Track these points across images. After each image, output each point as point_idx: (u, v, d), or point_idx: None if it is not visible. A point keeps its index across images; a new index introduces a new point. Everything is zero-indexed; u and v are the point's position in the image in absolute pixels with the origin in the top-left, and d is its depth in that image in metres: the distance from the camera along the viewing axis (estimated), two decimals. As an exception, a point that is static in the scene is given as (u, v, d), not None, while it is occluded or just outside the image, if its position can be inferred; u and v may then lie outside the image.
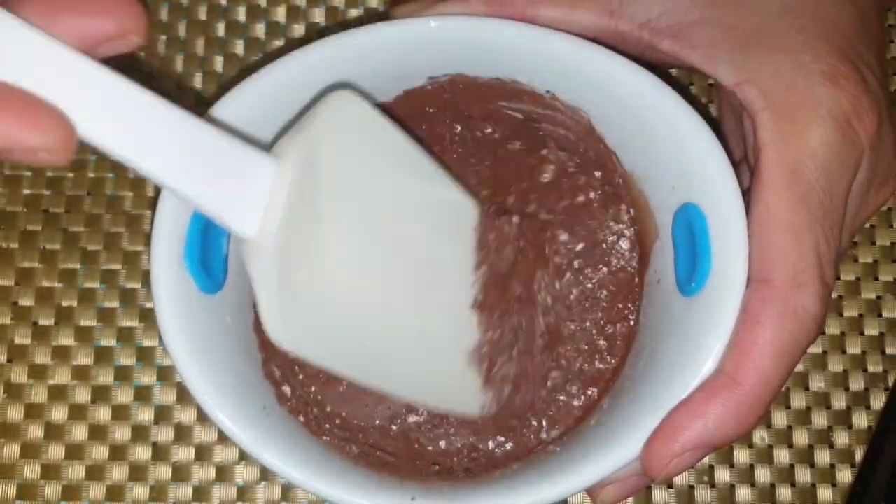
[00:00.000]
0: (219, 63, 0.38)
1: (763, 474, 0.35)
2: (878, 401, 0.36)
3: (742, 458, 0.35)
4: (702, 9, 0.27)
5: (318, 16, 0.39)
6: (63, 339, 0.35)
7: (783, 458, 0.35)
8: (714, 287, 0.25)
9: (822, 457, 0.35)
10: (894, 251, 0.37)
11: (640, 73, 0.27)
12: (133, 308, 0.36)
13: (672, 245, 0.28)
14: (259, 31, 0.38)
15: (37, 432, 0.35)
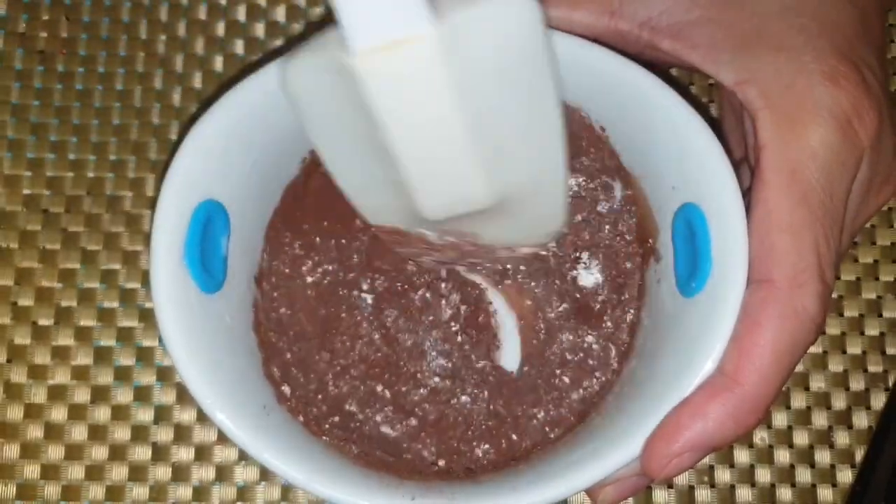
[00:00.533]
0: (218, 63, 0.38)
1: (763, 474, 0.35)
2: (878, 401, 0.35)
3: (742, 458, 0.35)
4: (702, 8, 0.27)
5: (318, 15, 0.38)
6: (63, 339, 0.35)
7: (783, 458, 0.35)
8: (714, 287, 0.25)
9: (823, 457, 0.35)
10: (895, 251, 0.37)
11: (641, 73, 0.27)
12: (133, 308, 0.36)
13: (672, 245, 0.28)
14: (259, 30, 0.38)
15: (36, 432, 0.35)
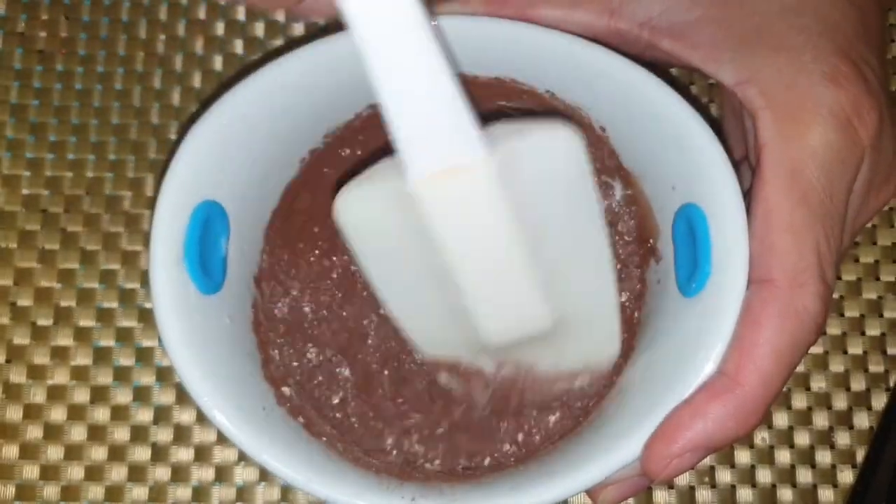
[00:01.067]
0: (218, 62, 0.38)
1: (764, 475, 0.35)
2: (879, 401, 0.35)
3: (743, 458, 0.35)
4: (702, 8, 0.27)
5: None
6: (62, 339, 0.35)
7: (784, 458, 0.35)
8: (714, 287, 0.25)
9: (824, 457, 0.35)
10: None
11: (641, 73, 0.27)
12: (132, 308, 0.36)
13: (672, 245, 0.28)
14: (258, 30, 0.38)
15: (36, 433, 0.35)
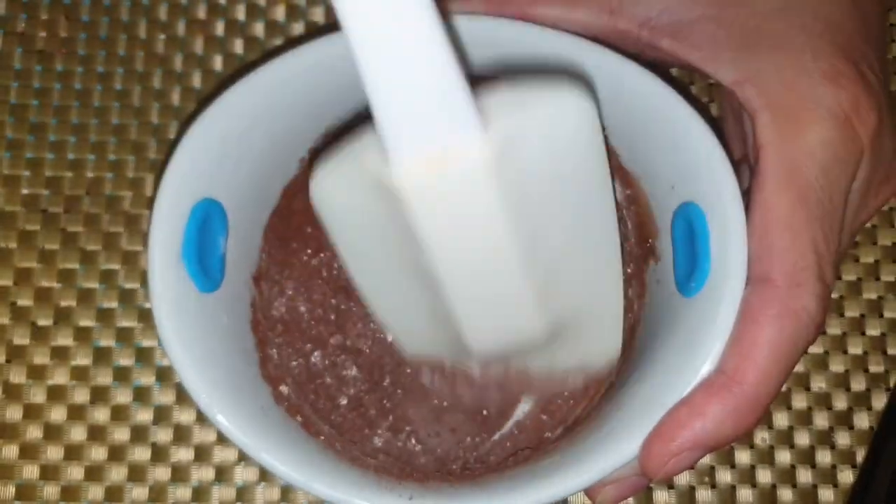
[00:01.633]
0: (218, 62, 0.38)
1: (764, 475, 0.35)
2: (879, 401, 0.35)
3: (743, 458, 0.35)
4: (702, 7, 0.27)
5: (318, 15, 0.38)
6: (62, 339, 0.35)
7: (784, 458, 0.35)
8: (713, 287, 0.25)
9: (824, 457, 0.35)
10: (896, 251, 0.37)
11: (640, 72, 0.27)
12: (132, 308, 0.36)
13: (671, 244, 0.28)
14: (258, 30, 0.38)
15: (36, 433, 0.35)
